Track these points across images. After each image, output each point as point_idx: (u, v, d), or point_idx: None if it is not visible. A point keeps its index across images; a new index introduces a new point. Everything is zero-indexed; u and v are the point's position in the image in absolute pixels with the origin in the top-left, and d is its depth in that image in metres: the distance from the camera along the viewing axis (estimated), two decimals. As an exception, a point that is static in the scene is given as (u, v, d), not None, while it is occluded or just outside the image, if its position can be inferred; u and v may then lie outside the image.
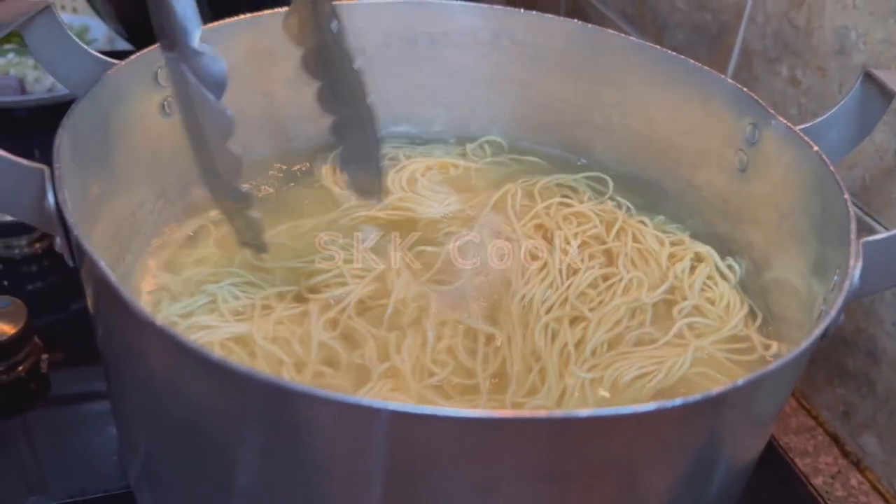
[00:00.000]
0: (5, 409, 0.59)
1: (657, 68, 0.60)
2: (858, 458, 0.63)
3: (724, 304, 0.54)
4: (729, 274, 0.57)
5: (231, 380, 0.33)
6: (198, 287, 0.52)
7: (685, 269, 0.56)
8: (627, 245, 0.58)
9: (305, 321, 0.50)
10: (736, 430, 0.38)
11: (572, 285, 0.54)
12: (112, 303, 0.36)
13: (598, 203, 0.63)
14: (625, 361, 0.49)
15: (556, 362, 0.49)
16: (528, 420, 0.32)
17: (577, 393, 0.47)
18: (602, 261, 0.58)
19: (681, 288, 0.55)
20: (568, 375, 0.48)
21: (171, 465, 0.42)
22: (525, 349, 0.50)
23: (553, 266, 0.56)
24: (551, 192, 0.64)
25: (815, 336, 0.36)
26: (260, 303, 0.51)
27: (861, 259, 0.39)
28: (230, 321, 0.49)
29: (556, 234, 0.59)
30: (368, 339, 0.49)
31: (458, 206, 0.62)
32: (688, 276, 0.56)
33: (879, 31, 0.58)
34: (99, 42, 1.02)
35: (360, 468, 0.34)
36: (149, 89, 0.53)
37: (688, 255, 0.58)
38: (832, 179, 0.45)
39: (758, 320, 0.54)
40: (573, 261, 0.56)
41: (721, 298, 0.54)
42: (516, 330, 0.51)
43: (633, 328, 0.52)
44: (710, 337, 0.51)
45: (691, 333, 0.52)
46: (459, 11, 0.64)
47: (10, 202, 0.41)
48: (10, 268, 0.71)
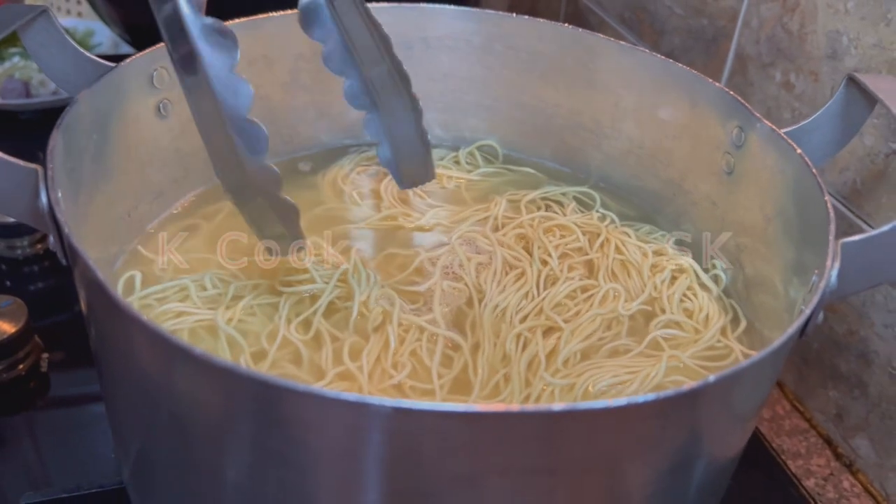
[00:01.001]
0: (5, 407, 0.60)
1: (646, 72, 0.61)
2: (851, 460, 0.64)
3: (703, 316, 0.54)
4: (711, 285, 0.57)
5: (216, 375, 0.34)
6: (174, 276, 0.53)
7: (665, 281, 0.56)
8: (609, 257, 0.58)
9: (275, 315, 0.51)
10: (714, 426, 0.39)
11: (549, 296, 0.54)
12: (100, 298, 0.37)
13: (583, 215, 0.63)
14: (597, 371, 0.49)
15: (522, 370, 0.49)
16: (501, 414, 0.32)
17: (543, 399, 0.47)
18: (582, 272, 0.58)
19: (660, 299, 0.55)
20: (535, 382, 0.48)
21: (162, 462, 0.43)
22: (494, 357, 0.50)
23: (531, 276, 0.56)
24: (537, 205, 0.64)
25: (788, 334, 0.36)
26: (232, 293, 0.52)
27: (839, 259, 0.40)
28: (201, 308, 0.50)
29: (537, 245, 0.59)
30: (328, 341, 0.50)
31: (445, 216, 0.62)
32: (667, 288, 0.56)
33: (870, 36, 0.58)
34: (104, 46, 1.03)
35: (348, 463, 0.35)
36: (144, 91, 0.54)
37: (669, 266, 0.57)
38: (814, 181, 0.46)
39: (741, 326, 0.54)
40: (552, 271, 0.57)
41: (700, 310, 0.54)
42: (487, 338, 0.51)
43: (608, 339, 0.52)
44: (687, 349, 0.51)
45: (667, 344, 0.52)
46: (454, 16, 0.65)
47: (5, 201, 0.42)
48: (12, 268, 0.73)
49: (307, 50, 0.62)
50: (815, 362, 0.66)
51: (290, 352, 0.49)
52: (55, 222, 0.40)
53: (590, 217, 0.63)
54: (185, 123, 0.57)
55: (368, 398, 0.31)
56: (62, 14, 1.10)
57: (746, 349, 0.52)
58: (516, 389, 0.48)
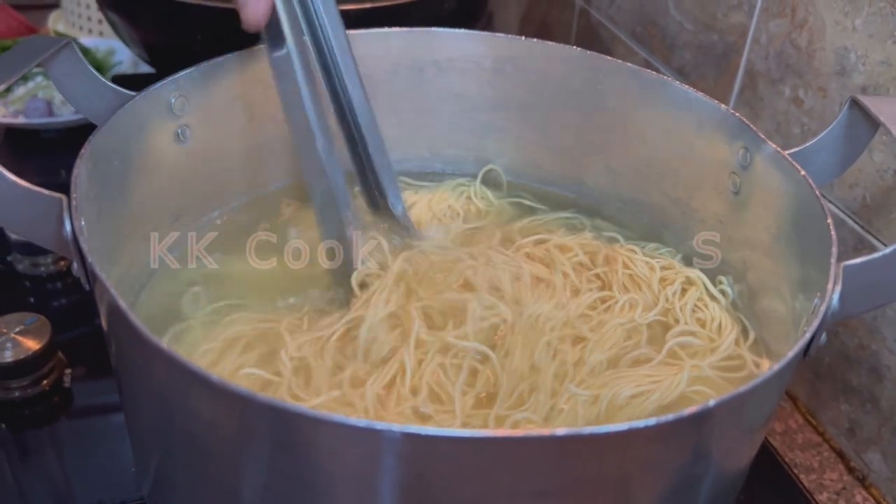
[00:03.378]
0: (30, 422, 0.61)
1: (653, 92, 0.62)
2: (864, 474, 0.64)
3: (716, 325, 0.55)
4: (720, 297, 0.58)
5: (232, 401, 0.35)
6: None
7: (676, 293, 0.58)
8: (618, 272, 0.59)
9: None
10: (718, 445, 0.39)
11: (575, 306, 0.56)
12: (123, 328, 0.38)
13: (577, 236, 0.63)
14: (620, 381, 0.50)
15: (549, 380, 0.50)
16: (507, 439, 0.33)
17: (566, 407, 0.48)
18: (598, 284, 0.59)
19: (673, 310, 0.57)
20: (561, 392, 0.49)
21: (180, 479, 0.44)
22: (522, 366, 0.51)
23: (560, 286, 0.57)
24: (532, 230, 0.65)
25: (790, 357, 0.37)
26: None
27: (840, 282, 0.40)
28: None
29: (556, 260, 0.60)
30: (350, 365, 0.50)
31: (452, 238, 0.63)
32: (679, 299, 0.57)
33: (878, 53, 0.59)
34: (124, 65, 1.05)
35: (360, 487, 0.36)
36: (164, 118, 0.56)
37: (678, 278, 0.59)
38: (817, 204, 0.46)
39: (750, 339, 0.55)
40: (573, 283, 0.58)
41: (712, 320, 0.55)
42: (518, 347, 0.52)
43: (629, 348, 0.53)
44: (706, 358, 0.52)
45: (685, 353, 0.53)
46: (464, 39, 0.66)
47: (30, 229, 0.44)
48: (35, 285, 0.74)
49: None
50: (828, 376, 0.66)
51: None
52: (79, 251, 0.41)
53: (583, 237, 0.63)
54: (203, 148, 0.59)
55: (378, 424, 0.32)
56: (83, 34, 1.12)
57: (759, 359, 0.53)
58: (541, 400, 0.49)
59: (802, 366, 0.62)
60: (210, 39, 0.69)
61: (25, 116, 0.93)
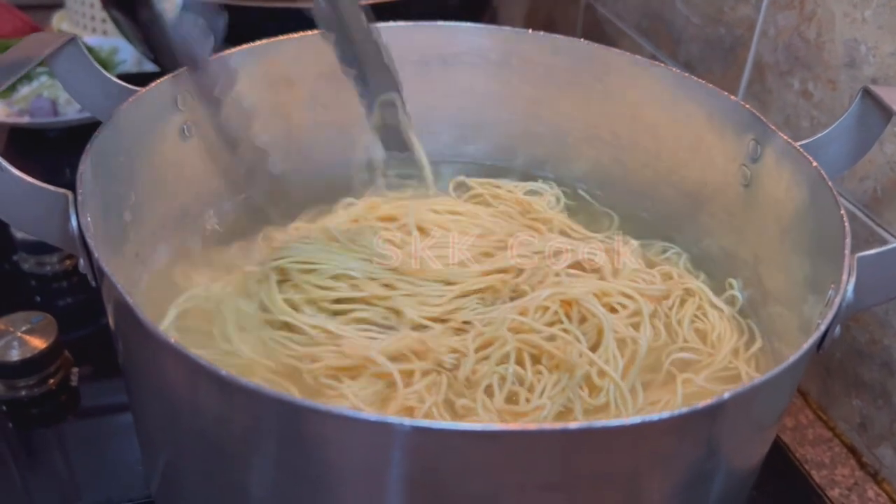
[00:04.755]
0: (37, 421, 0.61)
1: (662, 85, 0.61)
2: (875, 469, 0.63)
3: (716, 335, 0.54)
4: (723, 306, 0.57)
5: (241, 395, 0.35)
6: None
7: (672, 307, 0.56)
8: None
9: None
10: (731, 441, 0.39)
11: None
12: (130, 323, 0.38)
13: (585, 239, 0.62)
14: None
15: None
16: (518, 432, 0.33)
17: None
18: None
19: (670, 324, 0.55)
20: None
21: (189, 476, 0.44)
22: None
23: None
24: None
25: (805, 349, 0.36)
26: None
27: (855, 273, 0.40)
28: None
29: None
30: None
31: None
32: (676, 313, 0.56)
33: (888, 45, 0.58)
34: (128, 63, 1.05)
35: (370, 481, 0.36)
36: (169, 114, 0.55)
37: (675, 291, 0.57)
38: (830, 194, 0.46)
39: (756, 345, 0.54)
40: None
41: (713, 329, 0.54)
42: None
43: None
44: (701, 372, 0.51)
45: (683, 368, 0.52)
46: (470, 33, 0.66)
47: (36, 226, 0.43)
48: (41, 284, 0.74)
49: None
50: (839, 371, 0.66)
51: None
52: (85, 246, 0.41)
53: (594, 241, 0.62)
54: (207, 144, 0.59)
55: (389, 418, 0.32)
56: (87, 32, 1.12)
57: (753, 371, 0.52)
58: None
59: (814, 361, 0.62)
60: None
61: (30, 116, 0.92)
